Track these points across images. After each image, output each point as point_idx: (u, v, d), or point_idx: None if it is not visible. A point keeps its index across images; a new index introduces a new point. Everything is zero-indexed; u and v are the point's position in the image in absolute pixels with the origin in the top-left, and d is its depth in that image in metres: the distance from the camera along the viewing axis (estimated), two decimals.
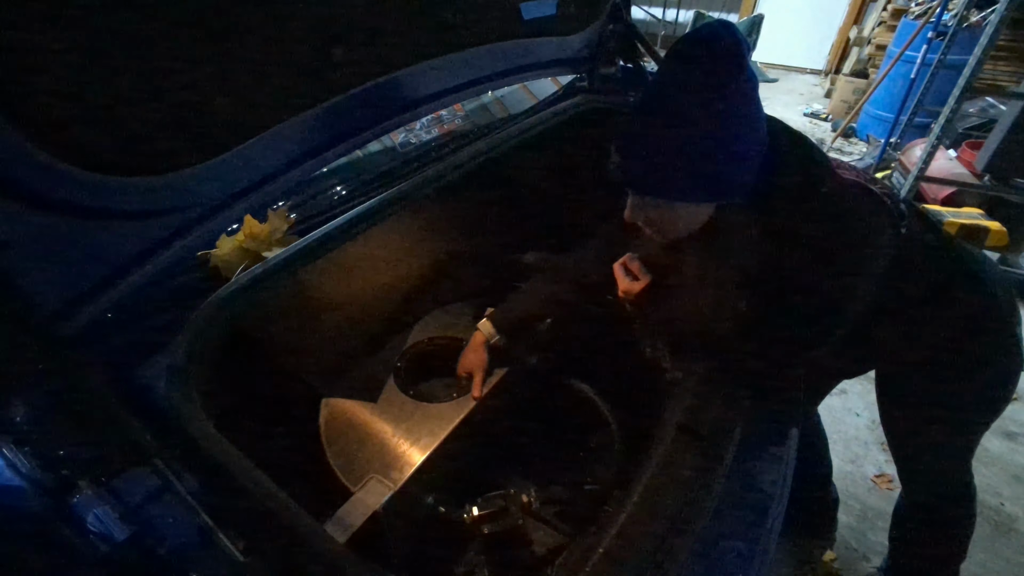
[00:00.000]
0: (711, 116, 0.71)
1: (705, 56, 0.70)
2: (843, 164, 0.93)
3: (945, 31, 3.16)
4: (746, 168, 0.76)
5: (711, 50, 0.70)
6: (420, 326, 1.29)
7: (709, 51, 0.70)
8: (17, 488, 0.52)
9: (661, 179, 0.77)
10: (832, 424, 2.06)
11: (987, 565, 1.63)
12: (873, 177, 0.95)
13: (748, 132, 0.74)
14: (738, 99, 0.71)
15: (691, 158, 0.73)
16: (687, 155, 0.73)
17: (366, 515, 0.88)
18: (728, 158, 0.74)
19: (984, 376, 1.04)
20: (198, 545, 0.55)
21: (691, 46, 0.72)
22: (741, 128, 0.73)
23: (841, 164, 0.92)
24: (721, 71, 0.70)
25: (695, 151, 0.73)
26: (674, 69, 0.74)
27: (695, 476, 0.78)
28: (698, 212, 0.82)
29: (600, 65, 1.55)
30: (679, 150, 0.73)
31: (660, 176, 0.76)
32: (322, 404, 1.09)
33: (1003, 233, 2.69)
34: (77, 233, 0.66)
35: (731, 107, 0.71)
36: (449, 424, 1.03)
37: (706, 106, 0.70)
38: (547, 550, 1.02)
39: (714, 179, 0.76)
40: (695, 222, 0.83)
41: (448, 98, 1.16)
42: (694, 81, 0.71)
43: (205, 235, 0.82)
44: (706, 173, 0.75)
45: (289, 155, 0.90)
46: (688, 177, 0.75)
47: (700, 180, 0.75)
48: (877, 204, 0.86)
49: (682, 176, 0.75)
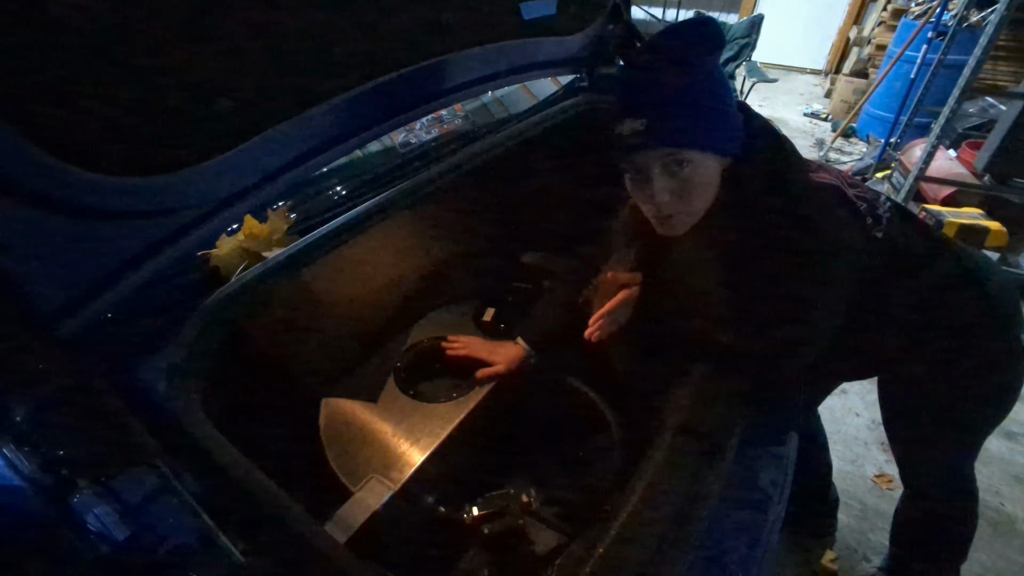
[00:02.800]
0: (713, 72, 0.79)
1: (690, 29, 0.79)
2: (824, 167, 0.94)
3: (945, 31, 3.16)
4: (740, 124, 0.83)
5: (692, 24, 0.80)
6: (420, 326, 1.29)
7: (691, 25, 0.79)
8: (17, 488, 0.52)
9: (694, 128, 0.78)
10: (832, 424, 2.06)
11: (987, 565, 1.63)
12: (855, 181, 0.95)
13: (731, 92, 0.82)
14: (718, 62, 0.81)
15: (709, 107, 0.78)
16: (706, 105, 0.78)
17: (366, 515, 0.88)
18: (731, 110, 0.81)
19: (987, 378, 1.03)
20: (198, 545, 0.55)
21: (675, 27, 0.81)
22: (728, 88, 0.81)
23: (822, 167, 0.93)
24: (698, 40, 0.78)
25: (710, 102, 0.78)
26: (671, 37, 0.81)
27: (695, 476, 0.78)
28: (715, 179, 0.83)
29: (600, 65, 1.55)
30: (699, 101, 0.78)
31: (692, 126, 0.78)
32: (322, 404, 1.09)
33: (1003, 233, 2.69)
34: (77, 233, 0.66)
35: (719, 68, 0.81)
36: (449, 424, 1.03)
37: (703, 62, 0.78)
38: (547, 550, 1.02)
39: (728, 128, 0.81)
40: (710, 194, 0.84)
41: (448, 98, 1.16)
42: (691, 43, 0.78)
43: (205, 235, 0.82)
44: (722, 122, 0.80)
45: (289, 155, 0.90)
46: (711, 125, 0.79)
47: (720, 128, 0.80)
48: (847, 207, 0.87)
49: (707, 124, 0.79)
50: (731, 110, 0.81)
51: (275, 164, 0.88)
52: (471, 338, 1.20)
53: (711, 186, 0.82)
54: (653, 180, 0.81)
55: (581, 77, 1.61)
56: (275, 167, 0.88)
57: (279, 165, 0.89)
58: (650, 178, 0.81)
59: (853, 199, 0.89)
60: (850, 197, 0.89)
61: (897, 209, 0.96)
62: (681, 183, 0.80)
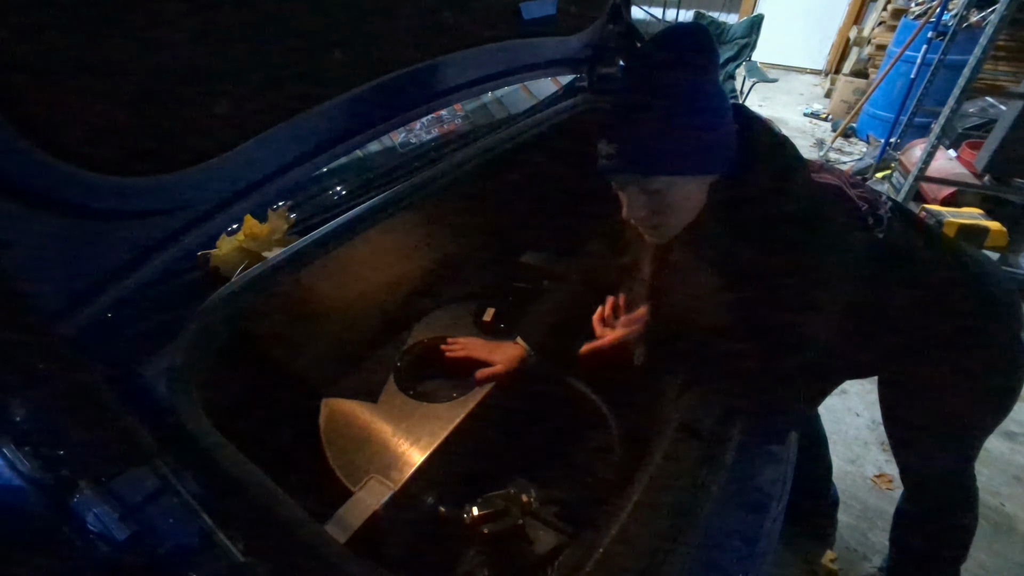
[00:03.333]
0: (694, 91, 0.77)
1: (673, 42, 0.78)
2: (826, 167, 0.94)
3: (945, 31, 3.16)
4: (728, 140, 0.81)
5: (677, 35, 0.78)
6: (420, 326, 1.29)
7: (675, 37, 0.78)
8: (17, 488, 0.52)
9: (662, 154, 0.79)
10: (832, 424, 2.06)
11: (987, 565, 1.63)
12: (857, 181, 0.95)
13: (722, 105, 0.80)
14: (710, 75, 0.78)
15: (684, 130, 0.77)
16: (680, 128, 0.77)
17: (366, 515, 0.88)
18: (714, 128, 0.79)
19: (987, 378, 1.03)
20: (198, 545, 0.55)
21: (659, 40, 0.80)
22: (718, 101, 0.79)
23: (823, 167, 0.94)
24: (687, 52, 0.77)
25: (686, 124, 0.77)
26: (647, 59, 0.81)
27: (695, 476, 0.78)
28: (694, 195, 0.83)
29: (600, 65, 1.55)
30: (672, 125, 0.77)
31: (660, 152, 0.78)
32: (322, 404, 1.09)
33: (1003, 233, 2.69)
34: (77, 233, 0.66)
35: (708, 81, 0.78)
36: (449, 424, 1.03)
37: (687, 81, 0.76)
38: (547, 550, 1.02)
39: (707, 149, 0.80)
40: (692, 207, 0.84)
41: (448, 98, 1.16)
42: (670, 62, 0.77)
43: (205, 235, 0.82)
44: (699, 144, 0.79)
45: (289, 155, 0.90)
46: (685, 149, 0.78)
47: (696, 151, 0.79)
48: (850, 209, 0.88)
49: (679, 149, 0.78)
50: (716, 130, 0.80)
51: (275, 164, 0.88)
52: (470, 339, 1.20)
53: (690, 200, 0.84)
54: (628, 198, 0.85)
55: (581, 77, 1.61)
56: (275, 167, 0.88)
57: (279, 165, 0.89)
58: (627, 195, 0.85)
59: (855, 199, 0.89)
60: (852, 197, 0.89)
61: (898, 209, 0.96)
62: (655, 202, 0.83)
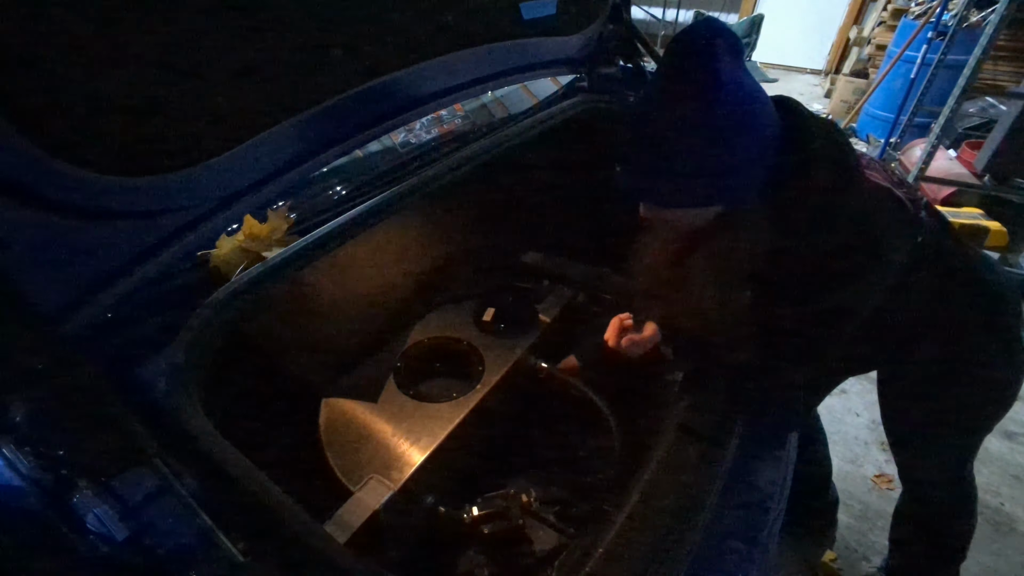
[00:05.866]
0: (707, 124, 0.69)
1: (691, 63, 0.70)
2: (873, 163, 0.90)
3: (945, 31, 3.16)
4: (751, 170, 0.75)
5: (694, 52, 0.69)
6: (420, 326, 1.29)
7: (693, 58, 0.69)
8: (17, 488, 0.52)
9: (667, 191, 0.77)
10: (832, 424, 2.06)
11: (987, 565, 1.63)
12: (901, 178, 0.92)
13: (748, 134, 0.72)
14: (730, 103, 0.69)
15: (689, 167, 0.73)
16: (685, 164, 0.73)
17: (366, 515, 0.88)
18: (728, 163, 0.73)
19: (987, 377, 1.03)
20: (198, 545, 0.55)
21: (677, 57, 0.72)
22: (738, 133, 0.71)
23: (871, 163, 0.90)
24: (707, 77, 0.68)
25: (693, 160, 0.72)
26: (662, 81, 0.74)
27: (695, 476, 0.78)
28: (705, 215, 0.81)
29: (600, 65, 1.55)
30: (677, 161, 0.73)
31: (665, 188, 0.77)
32: (322, 404, 1.09)
33: (1003, 233, 2.69)
34: (77, 233, 0.66)
35: (725, 111, 0.69)
36: (449, 424, 1.03)
37: (699, 113, 0.69)
38: (547, 550, 1.02)
39: (717, 185, 0.75)
40: (706, 219, 0.82)
41: (448, 98, 1.16)
42: (682, 90, 0.70)
43: (205, 235, 0.82)
44: (706, 180, 0.74)
45: (289, 155, 0.90)
46: (691, 185, 0.75)
47: (703, 187, 0.75)
48: (901, 213, 0.85)
49: (686, 185, 0.75)
50: (740, 156, 0.72)
51: (275, 164, 0.88)
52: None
53: (698, 220, 0.81)
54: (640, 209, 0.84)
55: (581, 77, 1.61)
56: (275, 167, 0.89)
57: (279, 165, 0.89)
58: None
59: (903, 200, 0.86)
60: (900, 198, 0.86)
61: (930, 211, 0.95)
62: (664, 216, 0.83)
